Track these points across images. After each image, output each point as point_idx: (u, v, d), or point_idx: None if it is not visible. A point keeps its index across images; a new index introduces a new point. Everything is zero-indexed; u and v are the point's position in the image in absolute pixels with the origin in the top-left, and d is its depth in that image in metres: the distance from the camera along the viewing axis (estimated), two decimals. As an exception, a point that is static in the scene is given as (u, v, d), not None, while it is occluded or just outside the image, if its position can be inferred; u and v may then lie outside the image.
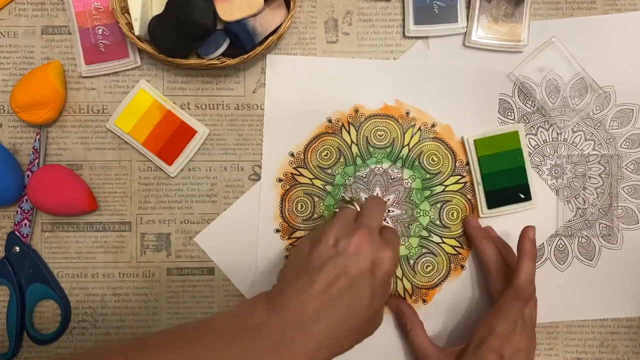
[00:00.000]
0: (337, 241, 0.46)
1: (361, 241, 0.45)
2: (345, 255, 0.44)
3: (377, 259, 0.45)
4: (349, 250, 0.45)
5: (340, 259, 0.44)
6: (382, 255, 0.45)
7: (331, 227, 0.47)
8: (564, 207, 0.59)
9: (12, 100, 0.55)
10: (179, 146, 0.58)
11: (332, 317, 0.42)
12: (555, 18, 0.59)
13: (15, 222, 0.58)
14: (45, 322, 0.59)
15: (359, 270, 0.44)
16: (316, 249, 0.45)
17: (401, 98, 0.59)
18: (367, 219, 0.48)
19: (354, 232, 0.46)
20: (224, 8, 0.53)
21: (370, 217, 0.49)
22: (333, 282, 0.43)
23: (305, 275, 0.44)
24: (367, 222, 0.48)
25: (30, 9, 0.58)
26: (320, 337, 0.42)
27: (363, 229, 0.46)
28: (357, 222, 0.48)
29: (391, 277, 0.48)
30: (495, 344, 0.50)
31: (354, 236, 0.45)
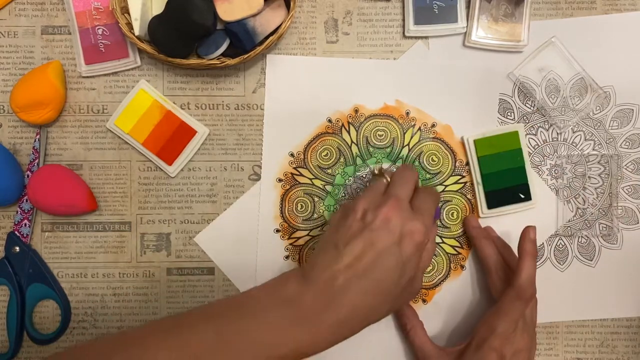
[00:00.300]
0: (364, 214, 0.45)
1: (388, 213, 0.45)
2: (371, 228, 0.44)
3: (405, 232, 0.45)
4: (375, 223, 0.44)
5: (367, 233, 0.44)
6: (410, 227, 0.45)
7: (360, 199, 0.47)
8: (564, 207, 0.59)
9: (12, 100, 0.55)
10: (179, 146, 0.58)
11: (361, 289, 0.43)
12: (555, 18, 0.59)
13: (15, 222, 0.58)
14: (45, 322, 0.59)
15: (385, 243, 0.44)
16: (344, 222, 0.45)
17: (401, 98, 0.59)
18: (396, 189, 0.47)
19: (381, 204, 0.45)
20: (224, 8, 0.53)
21: (400, 187, 0.48)
22: (360, 256, 0.43)
23: (333, 248, 0.44)
24: (396, 193, 0.47)
25: (30, 9, 0.58)
26: (350, 307, 0.42)
27: (391, 200, 0.46)
28: (386, 194, 0.47)
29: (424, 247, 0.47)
30: (496, 344, 0.50)
31: (381, 208, 0.45)
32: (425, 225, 0.46)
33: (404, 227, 0.45)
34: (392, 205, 0.45)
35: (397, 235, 0.44)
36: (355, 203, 0.46)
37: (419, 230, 0.45)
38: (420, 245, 0.46)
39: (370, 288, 0.43)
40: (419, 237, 0.45)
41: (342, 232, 0.45)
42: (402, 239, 0.45)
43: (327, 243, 0.45)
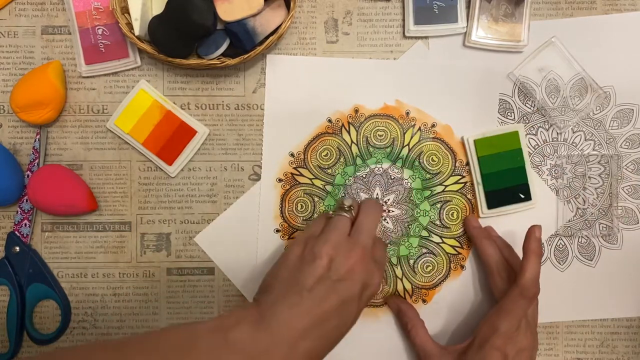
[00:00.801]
0: (331, 261, 0.46)
1: (355, 266, 0.46)
2: (337, 278, 0.45)
3: (366, 284, 0.46)
4: (341, 273, 0.45)
5: (332, 282, 0.45)
6: (371, 279, 0.47)
7: (326, 241, 0.46)
8: (564, 207, 0.59)
9: (12, 100, 0.55)
10: (179, 146, 0.58)
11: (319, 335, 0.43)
12: (555, 18, 0.59)
13: (15, 222, 0.58)
14: (45, 322, 0.59)
15: (349, 294, 0.45)
16: (309, 266, 0.45)
17: (401, 98, 0.59)
18: (362, 236, 0.48)
19: (348, 253, 0.46)
20: (224, 8, 0.53)
21: (366, 232, 0.48)
22: (323, 303, 0.44)
23: (296, 292, 0.44)
24: (362, 240, 0.48)
25: (30, 9, 0.58)
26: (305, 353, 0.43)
27: (357, 250, 0.46)
28: (351, 238, 0.48)
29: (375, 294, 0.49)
30: (499, 343, 0.50)
31: (348, 258, 0.46)
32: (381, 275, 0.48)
33: (366, 280, 0.46)
34: (359, 256, 0.46)
35: (359, 288, 0.45)
36: (319, 245, 0.46)
37: (377, 282, 0.48)
38: (374, 295, 0.48)
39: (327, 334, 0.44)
40: (376, 289, 0.48)
41: (305, 276, 0.45)
42: (363, 292, 0.46)
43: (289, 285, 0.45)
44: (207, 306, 0.59)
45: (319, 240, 0.47)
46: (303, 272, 0.45)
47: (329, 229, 0.48)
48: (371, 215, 0.50)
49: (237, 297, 0.59)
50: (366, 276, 0.46)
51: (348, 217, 0.50)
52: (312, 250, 0.46)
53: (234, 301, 0.59)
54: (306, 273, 0.45)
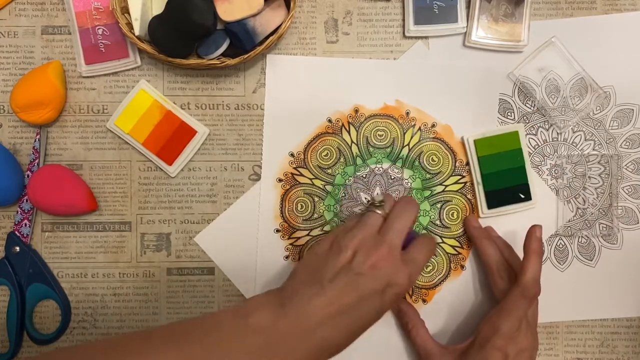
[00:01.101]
0: (355, 254, 0.45)
1: (378, 261, 0.45)
2: (358, 271, 0.44)
3: (390, 282, 0.45)
4: (363, 268, 0.44)
5: (353, 275, 0.44)
6: (396, 279, 0.45)
7: (353, 236, 0.46)
8: (564, 207, 0.59)
9: (12, 100, 0.55)
10: (179, 146, 0.58)
11: (337, 327, 0.43)
12: (555, 18, 0.59)
13: (15, 222, 0.58)
14: (45, 322, 0.59)
15: (369, 289, 0.44)
16: (333, 257, 0.45)
17: (401, 98, 0.59)
18: (391, 234, 0.47)
19: (374, 249, 0.45)
20: (224, 8, 0.53)
21: (395, 231, 0.47)
22: (342, 295, 0.43)
23: (317, 281, 0.44)
24: (390, 239, 0.47)
25: (30, 9, 0.58)
26: (322, 343, 0.43)
27: (383, 247, 0.46)
28: (380, 235, 0.47)
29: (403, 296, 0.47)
30: (500, 344, 0.50)
31: (372, 254, 0.45)
32: (411, 278, 0.46)
33: (390, 278, 0.45)
34: (384, 253, 0.45)
35: (382, 285, 0.45)
36: (346, 239, 0.46)
37: (403, 283, 0.46)
38: (401, 296, 0.46)
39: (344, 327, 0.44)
40: (402, 289, 0.46)
41: (328, 268, 0.45)
42: (386, 289, 0.45)
43: (311, 275, 0.45)
44: (207, 306, 0.59)
45: (347, 234, 0.47)
46: (327, 263, 0.45)
47: (359, 225, 0.48)
48: (404, 213, 0.49)
49: (237, 297, 0.59)
50: (390, 274, 0.45)
51: (379, 213, 0.49)
52: (338, 244, 0.46)
53: (234, 301, 0.59)
54: (329, 264, 0.45)
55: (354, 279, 0.44)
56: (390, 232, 0.47)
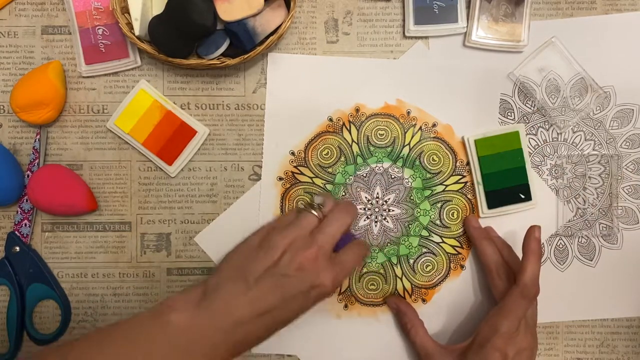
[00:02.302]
0: (283, 254, 0.46)
1: (305, 263, 0.45)
2: (284, 272, 0.45)
3: (315, 284, 0.46)
4: (290, 269, 0.45)
5: (279, 276, 0.45)
6: (322, 279, 0.46)
7: (284, 236, 0.46)
8: (564, 207, 0.59)
9: (12, 100, 0.55)
10: (179, 146, 0.58)
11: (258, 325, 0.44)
12: (555, 18, 0.59)
13: (15, 222, 0.58)
14: (45, 322, 0.59)
15: (294, 291, 0.45)
16: (262, 256, 0.46)
17: (402, 97, 0.59)
18: (322, 237, 0.47)
19: (302, 251, 0.46)
20: (224, 8, 0.53)
21: (327, 235, 0.48)
22: (266, 296, 0.44)
23: (243, 279, 0.44)
24: (321, 241, 0.47)
25: (30, 9, 0.58)
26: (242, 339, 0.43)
27: (312, 249, 0.46)
28: (311, 236, 0.47)
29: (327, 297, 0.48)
30: (499, 344, 0.50)
31: (300, 255, 0.45)
32: (336, 280, 0.47)
33: (315, 279, 0.45)
34: (312, 255, 0.46)
35: (306, 286, 0.45)
36: (277, 238, 0.46)
37: (328, 285, 0.46)
38: (325, 297, 0.47)
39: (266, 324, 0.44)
40: (326, 290, 0.46)
41: (255, 266, 0.45)
42: (310, 290, 0.45)
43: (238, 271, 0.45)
44: (207, 306, 0.59)
45: (279, 232, 0.47)
46: (254, 261, 0.45)
47: (292, 224, 0.48)
48: (339, 219, 0.49)
49: (237, 297, 0.59)
50: (315, 276, 0.45)
51: (315, 215, 0.49)
52: (269, 242, 0.46)
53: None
54: (257, 263, 0.45)
55: (279, 280, 0.44)
56: (322, 235, 0.47)
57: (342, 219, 0.49)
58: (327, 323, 0.59)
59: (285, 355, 0.59)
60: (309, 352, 0.59)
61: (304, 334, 0.59)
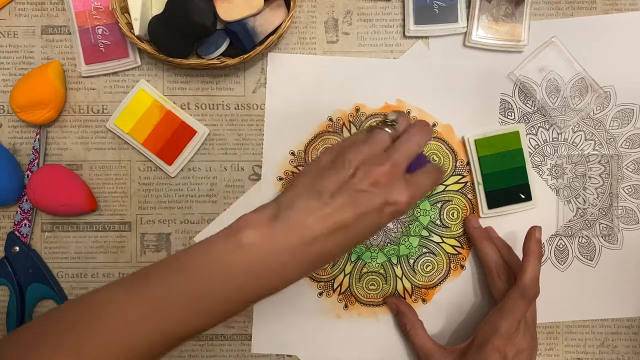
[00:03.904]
0: (356, 170, 0.44)
1: (379, 179, 0.43)
2: (359, 188, 0.43)
3: (389, 200, 0.43)
4: (363, 184, 0.43)
5: (353, 191, 0.43)
6: (396, 197, 0.44)
7: (358, 150, 0.45)
8: (564, 207, 0.59)
9: (12, 100, 0.55)
10: (179, 146, 0.58)
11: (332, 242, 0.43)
12: (555, 18, 0.59)
13: (15, 222, 0.58)
14: (45, 322, 0.59)
15: (368, 207, 0.43)
16: (335, 172, 0.44)
17: (402, 97, 0.59)
18: (397, 154, 0.45)
19: (376, 167, 0.44)
20: (224, 8, 0.53)
21: (402, 152, 0.45)
22: (340, 211, 0.42)
23: (317, 195, 0.43)
24: (396, 158, 0.45)
25: (30, 9, 0.58)
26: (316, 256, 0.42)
27: (387, 165, 0.44)
28: (386, 154, 0.45)
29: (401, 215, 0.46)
30: (499, 344, 0.50)
31: (374, 171, 0.44)
32: (411, 199, 0.45)
33: (389, 196, 0.43)
34: (386, 171, 0.44)
35: (381, 202, 0.43)
36: (351, 154, 0.44)
37: (403, 202, 0.44)
38: (399, 214, 0.45)
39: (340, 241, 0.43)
40: (401, 207, 0.44)
41: (329, 182, 0.43)
42: (385, 207, 0.43)
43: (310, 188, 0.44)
44: (207, 306, 0.59)
45: (352, 149, 0.45)
46: (328, 177, 0.44)
47: (365, 142, 0.46)
48: (414, 137, 0.47)
49: (237, 297, 0.59)
50: (390, 192, 0.44)
51: (389, 132, 0.47)
52: (342, 158, 0.45)
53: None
54: (331, 178, 0.44)
55: (353, 196, 0.43)
56: (397, 152, 0.45)
57: (418, 138, 0.47)
58: (327, 323, 0.59)
59: (285, 355, 0.59)
60: (308, 352, 0.59)
61: (303, 334, 0.59)
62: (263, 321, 0.59)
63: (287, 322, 0.59)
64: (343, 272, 0.59)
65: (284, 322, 0.59)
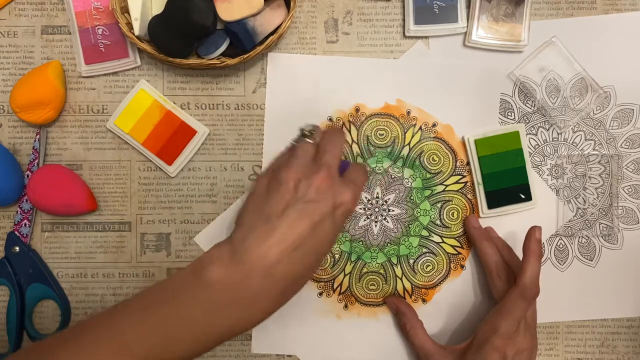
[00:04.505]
0: (297, 184, 0.44)
1: (322, 184, 0.44)
2: (305, 199, 0.43)
3: (337, 202, 0.44)
4: (309, 195, 0.43)
5: (300, 204, 0.43)
6: (342, 198, 0.44)
7: (289, 167, 0.45)
8: (564, 207, 0.59)
9: (12, 100, 0.55)
10: (179, 146, 0.58)
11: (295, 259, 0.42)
12: (555, 18, 0.59)
13: (15, 222, 0.58)
14: (45, 322, 0.59)
15: (319, 214, 0.43)
16: (276, 193, 0.44)
17: (402, 97, 0.59)
18: (326, 157, 0.46)
19: (314, 174, 0.44)
20: (224, 8, 0.53)
21: (330, 154, 0.46)
22: (295, 227, 0.42)
23: (265, 221, 0.43)
24: (327, 161, 0.46)
25: (30, 9, 0.58)
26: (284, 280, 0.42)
27: (323, 170, 0.45)
28: (316, 161, 0.46)
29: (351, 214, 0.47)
30: (498, 344, 0.50)
31: (314, 179, 0.44)
32: (355, 196, 0.46)
33: (337, 198, 0.44)
34: (324, 176, 0.44)
35: (330, 206, 0.44)
36: (284, 172, 0.45)
37: (349, 200, 0.45)
38: (349, 214, 0.46)
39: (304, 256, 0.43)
40: (349, 207, 0.45)
41: (274, 204, 0.43)
42: (335, 210, 0.44)
43: (257, 216, 0.44)
44: (207, 306, 0.59)
45: (282, 168, 0.45)
46: (270, 200, 0.44)
47: (292, 156, 0.46)
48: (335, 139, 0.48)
49: (237, 297, 0.59)
50: (335, 195, 0.44)
51: (310, 142, 0.48)
52: (276, 178, 0.45)
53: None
54: (274, 201, 0.44)
55: (303, 208, 0.43)
56: (326, 155, 0.46)
57: (338, 139, 0.48)
58: (327, 323, 0.59)
59: (285, 355, 0.59)
60: (308, 352, 0.59)
61: (303, 334, 0.59)
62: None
63: (287, 322, 0.59)
64: (343, 272, 0.59)
65: (283, 322, 0.59)
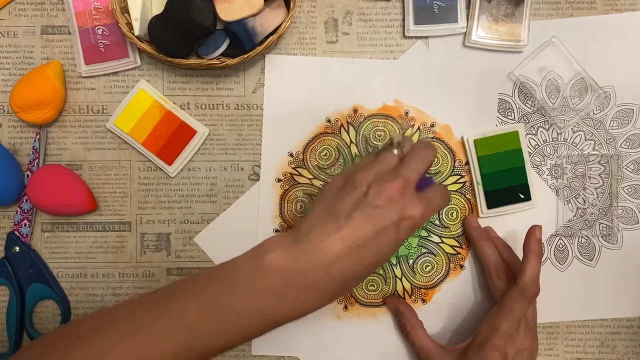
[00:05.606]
0: (369, 188, 0.45)
1: (393, 193, 0.44)
2: (374, 204, 0.44)
3: (405, 215, 0.44)
4: (378, 200, 0.44)
5: (369, 208, 0.44)
6: (411, 211, 0.44)
7: (367, 171, 0.46)
8: (564, 207, 0.59)
9: (12, 100, 0.56)
10: (179, 146, 0.58)
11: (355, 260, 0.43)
12: (555, 18, 0.59)
13: (15, 222, 0.58)
14: (45, 322, 0.59)
15: (385, 222, 0.44)
16: (348, 193, 0.45)
17: (400, 98, 0.59)
18: (406, 170, 0.46)
19: (388, 183, 0.45)
20: (224, 8, 0.53)
21: (410, 168, 0.46)
22: (359, 229, 0.43)
23: (334, 218, 0.44)
24: (405, 174, 0.46)
25: (30, 9, 0.58)
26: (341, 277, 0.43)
27: (398, 181, 0.45)
28: (395, 171, 0.46)
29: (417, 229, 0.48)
30: (499, 343, 0.50)
31: (386, 187, 0.44)
32: (425, 213, 0.46)
33: (404, 211, 0.44)
34: (399, 187, 0.45)
35: (397, 216, 0.44)
36: (361, 175, 0.45)
37: (418, 215, 0.45)
38: (415, 229, 0.46)
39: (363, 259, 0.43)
40: (416, 221, 0.45)
41: (344, 203, 0.44)
42: (401, 222, 0.44)
43: (327, 212, 0.44)
44: (207, 306, 0.59)
45: (360, 170, 0.46)
46: (342, 199, 0.45)
47: (374, 162, 0.47)
48: (422, 155, 0.48)
49: (237, 297, 0.59)
50: (404, 207, 0.44)
51: (396, 153, 0.48)
52: (353, 180, 0.46)
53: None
54: (345, 200, 0.44)
55: (369, 213, 0.43)
56: (406, 169, 0.46)
57: (425, 155, 0.48)
58: (327, 324, 0.59)
59: (286, 356, 0.59)
60: (309, 353, 0.59)
61: (304, 335, 0.59)
62: (263, 321, 0.59)
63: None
64: (343, 272, 0.59)
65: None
